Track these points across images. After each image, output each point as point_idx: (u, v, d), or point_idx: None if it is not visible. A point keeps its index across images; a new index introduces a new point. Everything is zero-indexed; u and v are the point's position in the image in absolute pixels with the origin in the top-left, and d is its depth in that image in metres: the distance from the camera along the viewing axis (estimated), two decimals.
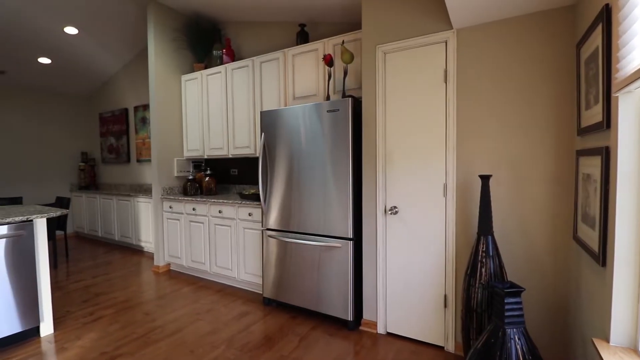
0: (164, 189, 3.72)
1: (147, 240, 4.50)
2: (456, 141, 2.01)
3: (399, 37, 2.17)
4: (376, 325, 2.33)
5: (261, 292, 3.03)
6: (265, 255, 2.74)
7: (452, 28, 2.00)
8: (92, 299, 2.96)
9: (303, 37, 3.09)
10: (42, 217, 2.30)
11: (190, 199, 3.42)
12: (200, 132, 3.72)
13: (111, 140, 5.61)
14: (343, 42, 2.50)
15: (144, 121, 5.04)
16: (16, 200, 4.31)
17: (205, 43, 3.89)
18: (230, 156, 3.48)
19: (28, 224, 2.25)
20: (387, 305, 2.30)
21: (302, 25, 3.09)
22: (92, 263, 4.10)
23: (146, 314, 2.65)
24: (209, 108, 3.64)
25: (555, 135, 1.73)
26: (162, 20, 3.68)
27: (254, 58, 3.25)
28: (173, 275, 3.61)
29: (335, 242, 2.38)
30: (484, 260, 1.72)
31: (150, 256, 4.38)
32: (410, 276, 2.20)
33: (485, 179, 1.74)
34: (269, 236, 2.70)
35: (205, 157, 3.71)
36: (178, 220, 3.57)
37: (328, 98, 2.59)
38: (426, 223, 2.13)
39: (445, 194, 2.06)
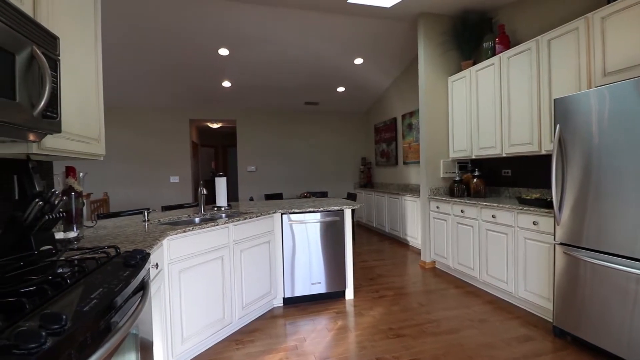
0: (431, 190, 3.90)
1: (412, 235, 4.91)
2: None
3: None
4: None
5: (547, 318, 2.50)
6: (557, 276, 2.23)
7: None
8: (375, 278, 3.56)
9: None
10: (348, 208, 3.01)
11: (457, 200, 3.38)
12: (468, 131, 3.59)
13: (383, 146, 6.59)
14: None
15: (410, 127, 5.53)
16: (324, 194, 5.94)
17: (473, 38, 3.72)
18: (504, 155, 3.12)
19: (340, 212, 3.00)
20: None
21: None
22: (369, 248, 4.96)
23: (420, 304, 2.85)
24: (478, 105, 3.44)
25: None
26: (430, 28, 3.86)
27: (539, 37, 2.75)
28: (438, 273, 3.70)
29: None
30: None
31: (415, 250, 4.74)
32: None
33: None
34: (565, 252, 2.17)
35: (473, 157, 3.54)
36: (445, 220, 3.62)
37: None
38: None
39: None
